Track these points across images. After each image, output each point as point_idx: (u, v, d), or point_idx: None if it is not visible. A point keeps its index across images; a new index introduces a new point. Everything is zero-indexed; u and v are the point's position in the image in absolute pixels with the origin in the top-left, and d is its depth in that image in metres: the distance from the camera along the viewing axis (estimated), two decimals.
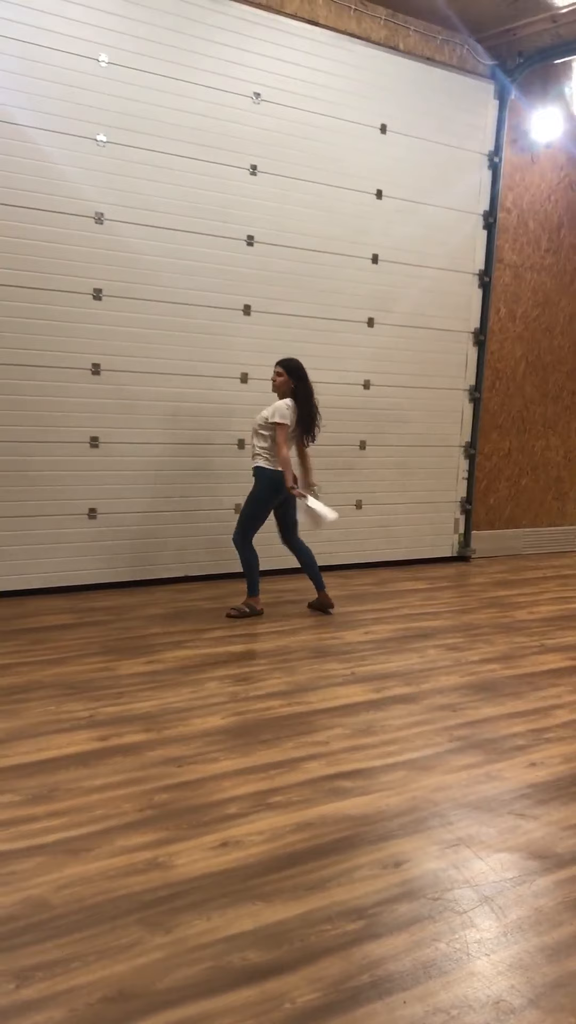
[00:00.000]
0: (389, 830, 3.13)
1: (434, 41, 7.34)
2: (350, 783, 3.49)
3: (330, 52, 6.79)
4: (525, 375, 8.57)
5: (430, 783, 3.53)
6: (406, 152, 7.31)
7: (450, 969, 2.40)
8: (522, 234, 8.29)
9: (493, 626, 6.01)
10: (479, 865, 2.93)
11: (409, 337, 7.59)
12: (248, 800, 3.30)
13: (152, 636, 5.32)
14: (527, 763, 3.79)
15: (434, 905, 2.68)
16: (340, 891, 2.72)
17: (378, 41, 7.03)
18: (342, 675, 4.80)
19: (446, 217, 7.65)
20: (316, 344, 7.05)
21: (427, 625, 5.92)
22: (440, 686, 4.71)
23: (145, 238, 6.21)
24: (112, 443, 6.29)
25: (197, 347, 6.52)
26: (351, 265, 7.18)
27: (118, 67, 5.94)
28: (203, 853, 2.91)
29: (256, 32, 6.43)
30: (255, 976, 2.32)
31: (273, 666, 4.87)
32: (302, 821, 3.16)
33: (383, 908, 2.65)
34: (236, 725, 4.02)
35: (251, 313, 6.74)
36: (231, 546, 6.84)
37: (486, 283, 7.99)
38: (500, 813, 3.31)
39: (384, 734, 4.01)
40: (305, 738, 3.91)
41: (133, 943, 2.43)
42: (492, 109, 7.77)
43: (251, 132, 6.53)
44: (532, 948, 2.51)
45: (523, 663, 5.21)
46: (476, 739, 4.02)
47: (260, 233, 6.68)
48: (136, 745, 3.75)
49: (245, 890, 2.71)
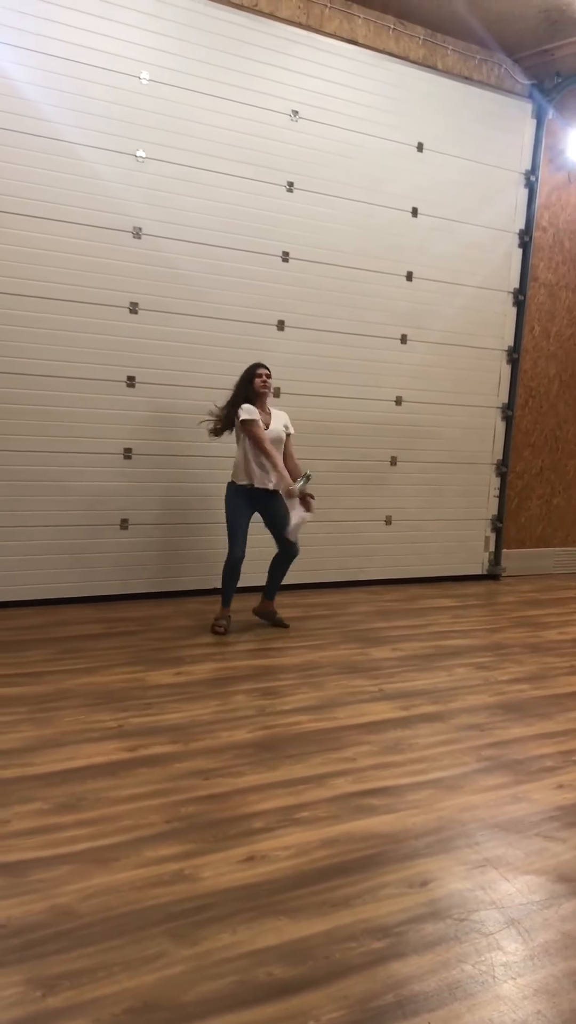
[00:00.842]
0: (415, 849, 3.12)
1: (472, 60, 7.37)
2: (377, 801, 3.49)
3: (368, 71, 6.84)
4: (559, 394, 8.54)
5: (457, 803, 3.52)
6: (442, 170, 7.34)
7: (476, 991, 2.38)
8: (557, 253, 8.28)
9: (523, 646, 5.97)
10: (506, 887, 2.91)
11: (442, 354, 7.60)
12: (274, 815, 3.30)
13: (181, 648, 5.34)
14: (555, 785, 3.76)
15: (460, 926, 2.67)
16: (365, 909, 2.72)
17: (416, 60, 7.07)
18: (370, 692, 4.79)
19: (481, 235, 7.66)
20: (349, 360, 7.08)
21: (456, 643, 5.89)
22: (468, 705, 4.69)
23: (182, 253, 6.28)
24: (145, 455, 6.34)
25: (231, 361, 6.55)
26: (385, 282, 7.21)
27: (159, 84, 6.02)
28: (229, 867, 2.92)
29: (295, 51, 6.50)
30: (279, 992, 2.33)
31: (301, 681, 4.87)
32: (328, 837, 3.16)
33: (408, 927, 2.64)
34: (263, 739, 4.03)
35: (285, 328, 6.78)
36: (259, 559, 6.88)
37: (520, 301, 7.98)
38: (527, 835, 3.29)
39: (411, 752, 4.00)
40: (332, 754, 3.91)
41: (159, 955, 2.45)
42: (529, 128, 7.78)
43: (288, 149, 6.59)
44: (559, 973, 2.49)
45: (553, 684, 5.17)
46: (504, 759, 4.00)
47: (295, 249, 6.73)
48: (164, 756, 3.77)
49: (270, 905, 2.71)
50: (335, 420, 7.09)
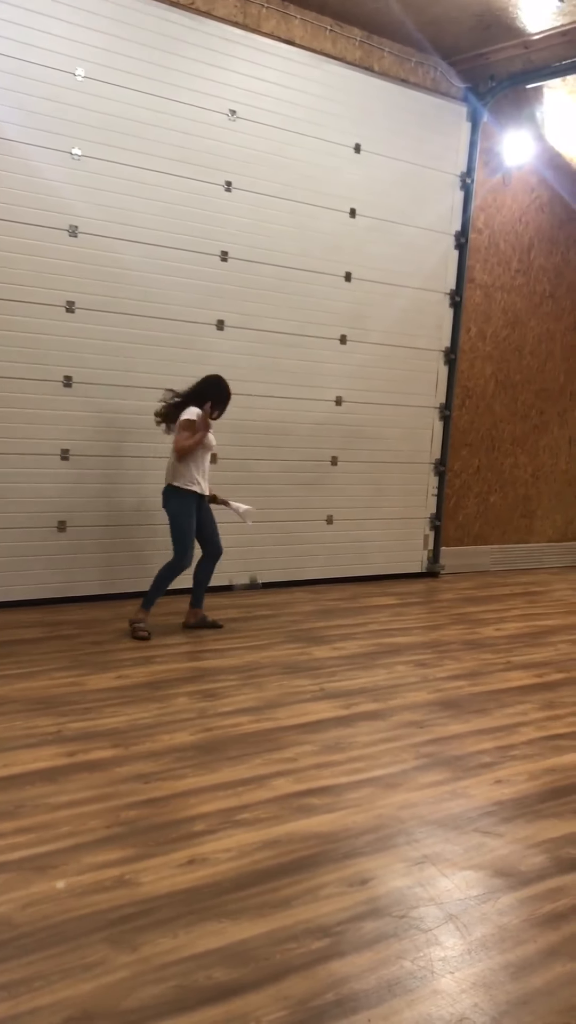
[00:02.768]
0: (355, 848, 3.14)
1: (408, 63, 7.43)
2: (317, 800, 3.51)
3: (305, 71, 6.86)
4: (494, 394, 8.67)
5: (396, 800, 3.55)
6: (380, 171, 7.39)
7: (414, 987, 2.41)
8: (493, 255, 8.40)
9: (461, 643, 6.05)
10: (444, 883, 2.95)
11: (381, 355, 7.66)
12: (216, 817, 3.30)
13: (121, 651, 5.30)
14: (493, 780, 3.82)
15: (399, 923, 2.70)
16: (306, 909, 2.73)
17: (353, 62, 7.11)
18: (311, 691, 4.81)
19: (419, 236, 7.74)
20: (289, 360, 7.09)
21: (396, 641, 5.95)
22: (408, 703, 4.74)
23: (119, 251, 6.22)
24: (83, 455, 6.27)
25: (170, 361, 6.53)
26: (324, 282, 7.24)
27: (94, 81, 5.96)
28: (170, 871, 2.91)
29: (233, 50, 6.48)
30: (221, 995, 2.33)
31: (242, 682, 4.87)
32: (269, 838, 3.16)
33: (349, 926, 2.66)
34: (204, 741, 4.02)
35: (225, 328, 6.76)
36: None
37: (457, 303, 8.08)
38: (466, 831, 3.34)
39: (352, 751, 4.03)
40: (273, 755, 3.92)
41: (98, 962, 2.43)
42: (465, 131, 7.88)
43: (227, 149, 6.58)
44: (496, 966, 2.53)
45: (490, 680, 5.26)
46: (443, 756, 4.05)
47: (234, 249, 6.72)
48: (104, 761, 3.74)
49: (212, 908, 2.71)
50: (276, 420, 7.10)
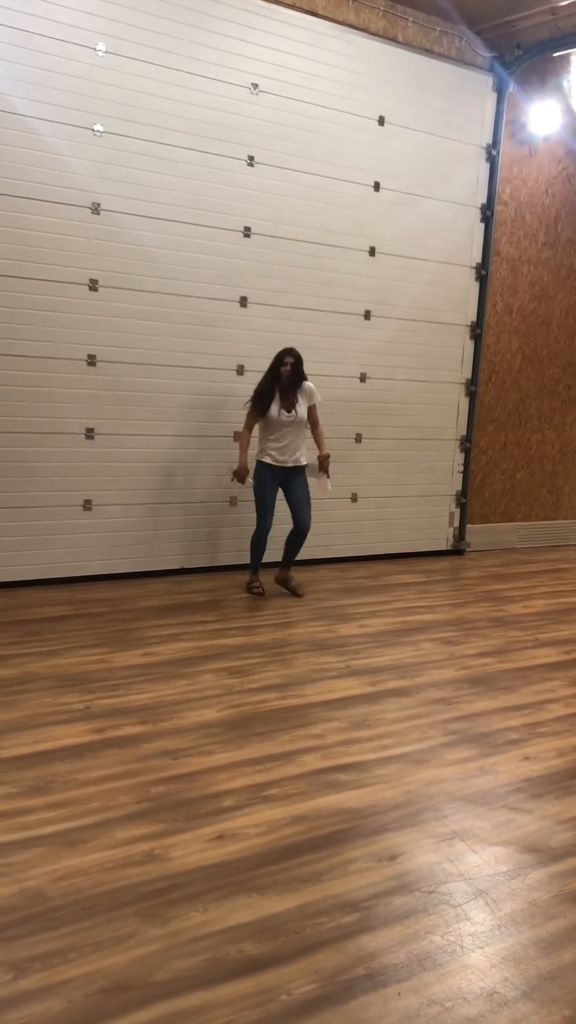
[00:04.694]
0: (384, 823, 3.15)
1: (432, 32, 7.32)
2: (345, 776, 3.51)
3: (328, 43, 6.76)
4: (521, 369, 8.58)
5: (424, 777, 3.55)
6: (404, 144, 7.30)
7: (444, 961, 2.42)
8: (519, 228, 8.29)
9: (487, 620, 6.03)
10: (473, 858, 2.95)
11: (406, 330, 7.59)
12: (244, 793, 3.31)
13: (148, 628, 5.32)
14: (521, 757, 3.81)
15: (428, 898, 2.70)
16: (335, 884, 2.74)
17: (376, 32, 7.00)
18: (337, 668, 4.81)
19: (443, 210, 7.64)
20: (313, 336, 7.04)
21: (422, 619, 5.93)
22: (434, 680, 4.73)
23: (142, 228, 6.19)
24: (107, 434, 6.28)
25: (194, 338, 6.51)
26: (348, 257, 7.17)
27: (115, 56, 5.91)
28: (199, 845, 2.93)
29: (254, 22, 6.40)
30: (251, 968, 2.34)
31: (269, 659, 4.88)
32: (297, 814, 3.18)
33: (378, 901, 2.67)
34: (232, 718, 4.04)
35: (248, 305, 6.73)
36: (228, 538, 6.88)
37: (483, 276, 7.98)
38: (494, 807, 3.34)
39: (379, 727, 4.03)
40: (300, 731, 3.93)
41: (130, 935, 2.45)
42: (490, 102, 7.75)
43: (249, 123, 6.51)
44: (526, 941, 2.53)
45: (517, 657, 5.23)
46: (470, 733, 4.04)
47: (257, 224, 6.67)
48: (132, 737, 3.76)
49: (241, 882, 2.73)
50: None
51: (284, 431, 6.02)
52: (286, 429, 6.02)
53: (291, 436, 6.06)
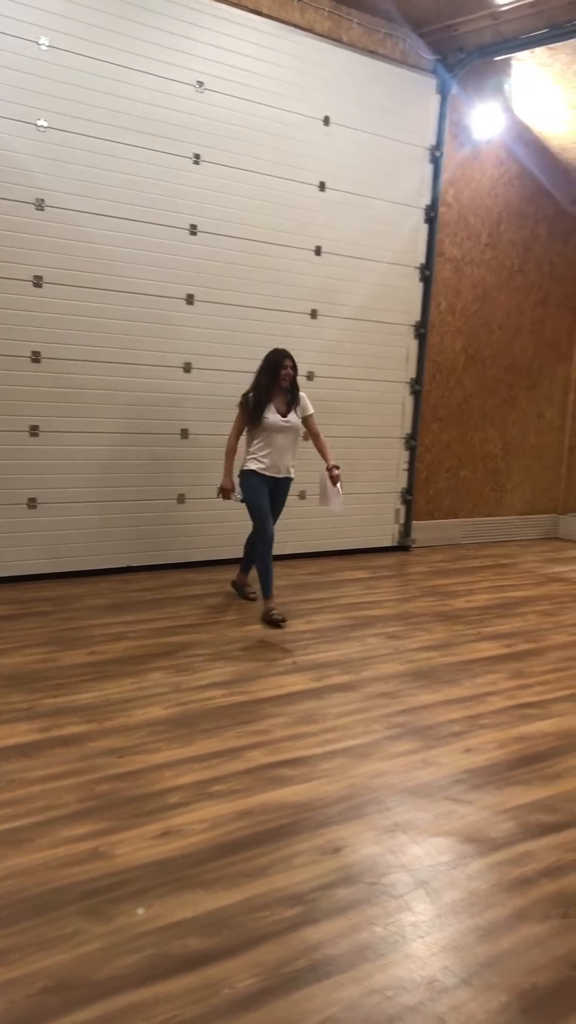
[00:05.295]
0: (328, 817, 3.19)
1: (377, 34, 7.38)
2: (291, 771, 3.54)
3: (274, 42, 6.79)
4: (465, 368, 8.70)
5: (368, 770, 3.60)
6: (349, 144, 7.35)
7: (386, 952, 2.46)
8: (463, 229, 8.40)
9: (432, 615, 6.11)
10: (415, 850, 3.01)
11: (352, 329, 7.65)
12: (189, 789, 3.33)
13: (95, 627, 5.30)
14: (463, 749, 3.88)
15: (371, 890, 2.75)
16: (279, 878, 2.77)
17: (321, 33, 7.04)
18: (284, 664, 4.85)
19: (388, 210, 7.71)
20: (259, 335, 7.05)
21: (368, 614, 5.99)
22: (379, 674, 4.79)
23: (86, 225, 6.15)
24: (52, 431, 6.23)
25: (139, 336, 6.49)
26: (294, 256, 7.21)
27: (59, 51, 5.86)
28: (144, 842, 2.94)
29: (199, 20, 6.40)
30: (195, 963, 2.36)
31: (216, 656, 4.90)
32: (243, 809, 3.20)
33: (321, 894, 2.70)
34: (178, 715, 4.04)
35: (194, 303, 6.72)
36: (175, 536, 6.86)
37: (427, 277, 8.08)
38: (436, 798, 3.40)
39: (324, 722, 4.08)
40: (246, 727, 3.95)
41: (74, 933, 2.45)
42: (434, 104, 7.85)
43: (194, 121, 6.51)
44: (465, 929, 2.59)
45: (460, 651, 5.32)
46: (413, 726, 4.10)
47: (203, 222, 6.67)
48: (77, 736, 3.75)
49: (186, 878, 2.74)
50: None
51: (278, 437, 5.65)
52: (281, 436, 5.66)
53: (285, 444, 5.69)
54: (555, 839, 3.14)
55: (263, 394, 5.61)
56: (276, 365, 5.61)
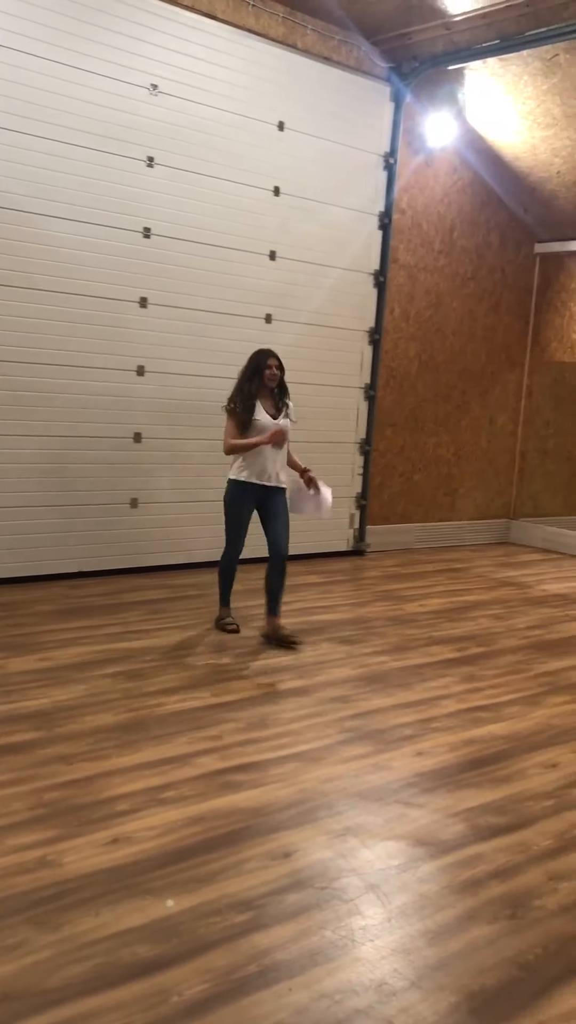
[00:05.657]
0: (279, 822, 3.18)
1: (331, 41, 7.41)
2: (242, 776, 3.53)
3: (228, 47, 6.79)
4: (418, 374, 8.77)
5: (320, 774, 3.60)
6: (303, 150, 7.37)
7: (335, 956, 2.46)
8: (416, 236, 8.47)
9: (385, 619, 6.14)
10: (366, 854, 3.01)
11: (307, 334, 7.66)
12: (140, 796, 3.30)
13: (45, 633, 5.24)
14: (414, 752, 3.90)
15: (321, 894, 2.75)
16: (230, 884, 2.76)
17: (276, 38, 7.06)
18: (236, 670, 4.83)
19: (343, 216, 7.75)
20: (214, 338, 7.05)
21: (322, 619, 6.00)
22: (332, 679, 4.80)
23: (37, 226, 6.08)
24: (2, 435, 6.15)
25: (91, 338, 6.44)
26: (248, 261, 7.21)
27: (9, 50, 5.79)
28: (93, 850, 2.91)
29: (153, 23, 6.37)
30: (144, 970, 2.34)
31: (168, 662, 4.87)
32: (193, 816, 3.18)
33: (271, 899, 2.70)
34: (129, 722, 4.01)
35: (148, 306, 6.69)
36: (126, 540, 6.80)
37: (381, 283, 8.13)
38: (387, 802, 3.41)
39: (277, 727, 4.07)
40: (198, 733, 3.93)
41: (20, 943, 2.42)
42: (388, 111, 7.91)
43: (148, 124, 6.48)
44: (415, 932, 2.60)
45: (413, 655, 5.35)
46: (366, 730, 4.12)
47: (157, 225, 6.64)
48: (26, 744, 3.70)
49: (135, 885, 2.72)
50: (202, 399, 7.05)
51: (269, 448, 5.25)
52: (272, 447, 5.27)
53: (276, 449, 5.29)
54: (505, 841, 3.17)
55: (249, 396, 5.23)
56: (259, 366, 5.25)
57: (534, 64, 7.22)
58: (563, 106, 7.56)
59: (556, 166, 8.43)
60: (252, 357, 5.33)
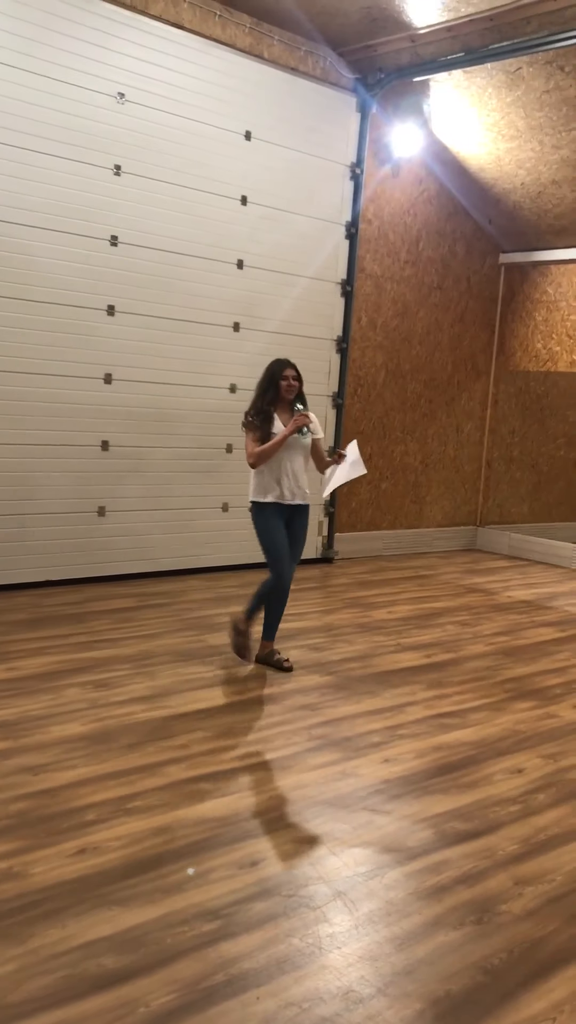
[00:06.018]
0: (246, 830, 3.18)
1: (298, 52, 7.46)
2: (209, 785, 3.53)
3: (195, 56, 6.81)
4: (385, 383, 8.83)
5: (288, 782, 3.61)
6: (271, 160, 7.41)
7: (303, 964, 2.47)
8: (383, 246, 8.53)
9: (353, 626, 6.16)
10: (333, 861, 3.02)
11: (274, 343, 7.68)
12: (107, 806, 3.29)
13: (11, 642, 5.20)
14: (382, 759, 3.92)
15: (288, 902, 2.75)
16: (197, 893, 2.76)
17: (243, 48, 7.09)
18: (205, 678, 4.83)
19: (310, 226, 7.79)
20: (182, 347, 7.06)
21: (290, 626, 6.00)
22: (301, 686, 4.81)
23: (5, 234, 6.06)
24: None
25: (59, 346, 6.41)
26: (216, 270, 7.22)
27: None
28: (60, 861, 2.89)
29: (120, 32, 6.38)
30: (111, 982, 2.33)
31: (135, 671, 4.85)
32: (160, 825, 3.17)
33: (239, 908, 2.70)
34: (96, 731, 3.99)
35: (115, 313, 6.68)
36: (94, 549, 6.77)
37: (348, 292, 8.18)
38: (355, 809, 3.42)
39: (245, 735, 4.07)
40: (165, 742, 3.92)
41: None
42: (354, 122, 7.97)
43: (115, 132, 6.48)
44: (382, 939, 2.61)
45: (380, 662, 5.38)
46: (333, 738, 4.13)
47: (124, 234, 6.63)
48: None
49: (102, 896, 2.71)
50: (169, 407, 7.06)
51: (289, 457, 4.91)
52: (292, 455, 4.92)
53: (298, 465, 4.96)
54: (471, 846, 3.20)
55: (267, 409, 4.88)
56: (275, 377, 4.90)
57: (498, 77, 7.32)
58: (527, 118, 7.67)
59: (520, 177, 8.54)
60: (268, 368, 4.97)
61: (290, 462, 4.92)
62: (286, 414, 4.93)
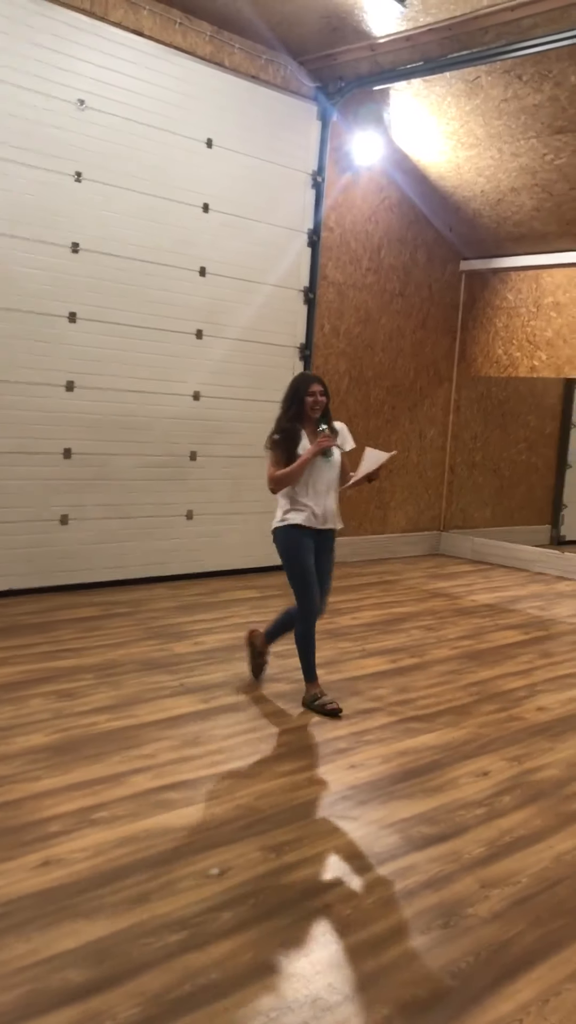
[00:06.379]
0: (213, 840, 3.17)
1: (259, 60, 7.48)
2: (176, 795, 3.51)
3: (155, 63, 6.80)
4: (348, 390, 8.86)
5: (254, 790, 3.60)
6: (232, 167, 7.42)
7: (270, 973, 2.45)
8: (345, 253, 8.57)
9: (319, 632, 6.11)
10: (300, 868, 3.01)
11: (238, 350, 7.69)
12: (71, 817, 3.25)
13: None
14: (348, 766, 3.92)
15: (255, 912, 2.74)
16: (163, 903, 2.74)
17: (203, 56, 7.09)
18: (171, 687, 4.80)
19: (272, 233, 7.81)
20: (145, 354, 7.03)
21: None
22: (267, 694, 4.80)
23: None
24: None
25: (21, 353, 6.36)
26: (179, 277, 7.20)
27: None
28: (24, 874, 2.85)
29: (80, 38, 6.36)
30: (76, 995, 2.30)
31: (100, 680, 4.81)
32: (126, 836, 3.15)
33: (206, 918, 2.68)
34: (60, 742, 3.95)
35: (77, 320, 6.64)
36: (55, 558, 6.70)
37: (311, 299, 8.20)
38: (321, 816, 3.42)
39: (211, 744, 4.05)
40: (131, 752, 3.89)
41: None
42: (315, 130, 8.01)
43: (76, 139, 6.45)
44: (349, 945, 2.61)
45: (346, 668, 5.38)
46: (300, 744, 4.13)
47: (86, 240, 6.60)
48: None
49: (67, 908, 2.68)
50: (132, 414, 7.03)
51: (319, 478, 4.58)
52: (322, 476, 4.60)
53: (328, 487, 4.64)
54: (437, 850, 3.21)
55: (292, 428, 4.58)
56: (300, 393, 4.60)
57: (457, 85, 7.39)
58: (486, 127, 7.75)
59: (480, 185, 8.63)
60: (292, 383, 4.68)
61: (319, 483, 4.59)
62: (313, 432, 4.60)
